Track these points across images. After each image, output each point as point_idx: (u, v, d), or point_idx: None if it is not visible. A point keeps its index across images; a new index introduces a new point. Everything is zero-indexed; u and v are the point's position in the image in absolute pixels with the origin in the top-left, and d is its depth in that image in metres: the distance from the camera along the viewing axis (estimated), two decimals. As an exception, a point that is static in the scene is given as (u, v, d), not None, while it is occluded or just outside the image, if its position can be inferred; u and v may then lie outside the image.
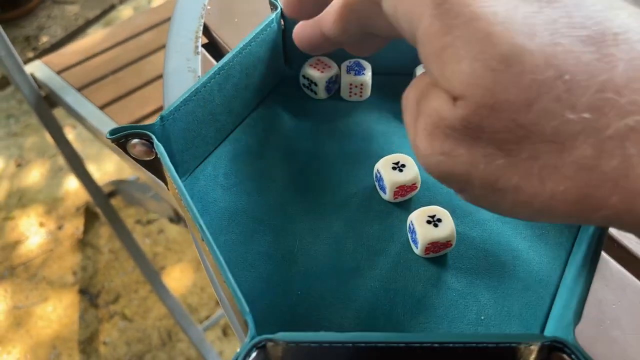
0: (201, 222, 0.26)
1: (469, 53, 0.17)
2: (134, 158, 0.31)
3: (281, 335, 0.22)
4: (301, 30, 0.31)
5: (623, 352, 0.27)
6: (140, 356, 1.26)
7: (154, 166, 0.31)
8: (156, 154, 0.30)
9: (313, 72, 0.38)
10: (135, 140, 0.30)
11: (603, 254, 0.31)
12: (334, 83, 0.38)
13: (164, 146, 0.31)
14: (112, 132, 0.30)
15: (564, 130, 0.17)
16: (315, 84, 0.38)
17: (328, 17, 0.28)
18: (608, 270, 0.30)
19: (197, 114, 0.33)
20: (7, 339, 1.30)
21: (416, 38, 0.20)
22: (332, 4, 0.27)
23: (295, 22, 0.37)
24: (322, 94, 0.38)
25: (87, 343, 1.29)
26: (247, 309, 0.23)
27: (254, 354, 0.23)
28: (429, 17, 0.18)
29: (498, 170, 0.18)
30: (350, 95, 0.38)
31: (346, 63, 0.38)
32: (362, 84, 0.38)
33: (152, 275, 1.24)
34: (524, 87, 0.17)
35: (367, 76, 0.37)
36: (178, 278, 1.38)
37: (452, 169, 0.19)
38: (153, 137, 0.29)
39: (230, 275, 0.24)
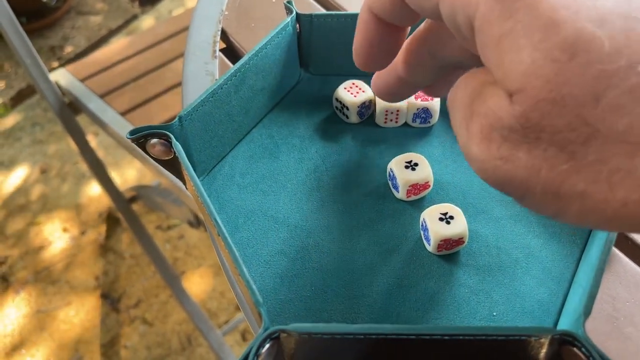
0: (217, 218, 0.27)
1: (530, 41, 0.16)
2: (153, 158, 0.32)
3: (294, 326, 0.23)
4: (378, 80, 0.29)
5: (636, 348, 0.27)
6: (160, 360, 1.28)
7: (172, 165, 0.32)
8: (174, 153, 0.31)
9: (346, 96, 0.37)
10: (154, 140, 0.31)
11: (617, 251, 0.31)
12: (367, 108, 0.37)
13: (182, 146, 0.32)
14: (133, 132, 0.31)
15: (638, 128, 0.15)
16: (347, 108, 0.37)
17: (400, 58, 0.26)
18: (622, 267, 0.30)
19: (214, 114, 0.33)
20: (30, 342, 1.32)
21: (474, 29, 0.18)
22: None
23: (310, 26, 0.38)
24: (354, 118, 0.37)
25: (109, 347, 1.31)
26: (261, 300, 0.24)
27: (267, 345, 0.23)
28: (488, 2, 0.17)
29: (561, 175, 0.16)
30: (385, 122, 0.37)
31: None
32: (398, 110, 0.37)
33: (172, 280, 1.25)
34: (590, 79, 0.15)
35: (403, 102, 0.37)
36: (198, 283, 1.39)
37: (511, 175, 0.17)
38: (171, 136, 0.30)
39: (244, 269, 0.25)
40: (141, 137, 0.31)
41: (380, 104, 0.37)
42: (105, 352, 1.30)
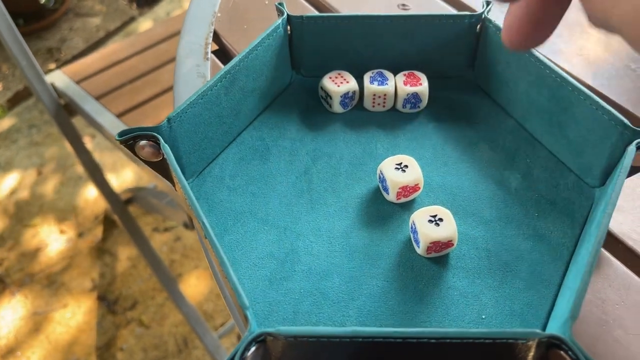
0: (204, 220, 0.27)
1: None
2: (142, 160, 0.32)
3: (280, 330, 0.23)
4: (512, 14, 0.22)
5: (625, 352, 0.27)
6: (156, 363, 1.27)
7: (162, 167, 0.32)
8: (163, 155, 0.31)
9: (330, 85, 0.37)
10: (143, 142, 0.31)
11: (607, 254, 0.31)
12: (350, 99, 0.38)
13: (171, 147, 0.31)
14: (121, 133, 0.30)
15: None
16: (330, 97, 0.37)
17: None
18: (612, 270, 0.30)
19: (204, 116, 0.33)
20: (26, 345, 1.32)
21: None
22: None
23: (301, 28, 0.38)
24: (337, 108, 0.38)
25: (105, 349, 1.31)
26: (247, 303, 0.24)
27: (253, 348, 0.23)
28: None
29: None
30: (373, 106, 0.38)
31: (369, 74, 0.38)
32: (385, 94, 0.37)
33: (168, 282, 1.25)
34: None
35: (391, 86, 0.37)
36: (194, 285, 1.39)
37: None
38: (160, 138, 0.30)
39: (231, 271, 0.25)
40: (130, 139, 0.31)
41: (368, 89, 0.37)
42: (102, 355, 1.30)
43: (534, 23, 0.20)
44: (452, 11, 0.49)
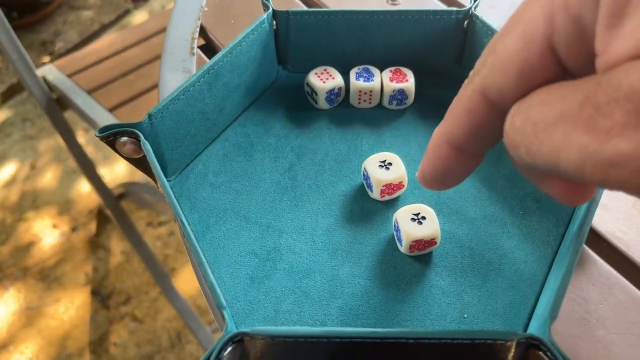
0: (183, 219, 0.26)
1: None
2: (124, 157, 0.32)
3: (256, 330, 0.23)
4: (425, 163, 0.22)
5: (607, 351, 0.27)
6: (149, 357, 1.27)
7: (143, 164, 0.32)
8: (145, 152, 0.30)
9: (315, 81, 0.37)
10: (124, 139, 0.31)
11: (591, 253, 0.31)
12: (336, 95, 0.38)
13: (153, 144, 0.31)
14: (101, 130, 0.30)
15: None
16: (316, 94, 0.37)
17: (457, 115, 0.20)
18: (595, 269, 0.30)
19: (186, 112, 0.33)
20: (19, 339, 1.32)
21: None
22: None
23: (286, 23, 0.38)
24: (322, 104, 0.38)
25: (98, 344, 1.30)
26: (224, 303, 0.24)
27: (229, 348, 0.23)
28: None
29: None
30: (359, 102, 0.38)
31: (355, 70, 0.38)
32: (371, 91, 0.37)
33: (161, 277, 1.25)
34: None
35: (377, 82, 0.37)
36: (188, 280, 1.39)
37: None
38: (140, 134, 0.30)
39: (209, 271, 0.25)
40: (110, 135, 0.30)
41: (354, 85, 0.37)
42: (95, 349, 1.30)
43: (441, 174, 0.22)
44: (441, 6, 0.49)
